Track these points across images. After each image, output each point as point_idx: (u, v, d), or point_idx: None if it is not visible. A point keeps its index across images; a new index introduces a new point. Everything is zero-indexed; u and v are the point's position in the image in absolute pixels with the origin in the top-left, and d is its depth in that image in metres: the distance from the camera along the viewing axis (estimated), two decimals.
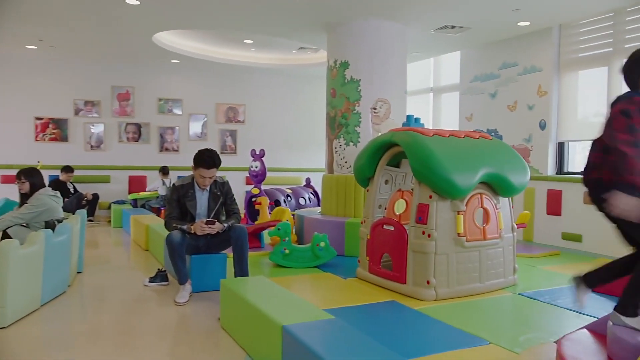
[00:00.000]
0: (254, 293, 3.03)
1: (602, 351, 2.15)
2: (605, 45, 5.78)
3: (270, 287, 3.22)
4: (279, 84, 10.06)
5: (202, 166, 3.86)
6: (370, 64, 5.93)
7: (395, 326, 3.23)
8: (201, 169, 3.87)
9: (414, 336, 3.05)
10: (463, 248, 3.96)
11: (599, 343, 2.23)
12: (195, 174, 3.94)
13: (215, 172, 3.95)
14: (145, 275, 4.69)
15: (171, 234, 3.79)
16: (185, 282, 3.84)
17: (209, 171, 3.88)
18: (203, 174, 3.88)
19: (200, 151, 3.93)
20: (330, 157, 6.23)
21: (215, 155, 3.91)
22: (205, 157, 3.86)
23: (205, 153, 3.89)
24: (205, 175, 3.89)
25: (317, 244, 5.02)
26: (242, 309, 2.93)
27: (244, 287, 3.16)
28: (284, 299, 2.90)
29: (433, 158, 3.82)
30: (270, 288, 3.19)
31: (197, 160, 3.88)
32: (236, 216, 4.07)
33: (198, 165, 3.88)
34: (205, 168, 3.86)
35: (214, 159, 3.88)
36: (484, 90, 7.27)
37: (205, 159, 3.85)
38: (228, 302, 3.18)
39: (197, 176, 3.94)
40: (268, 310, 2.60)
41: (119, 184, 9.19)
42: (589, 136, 6.03)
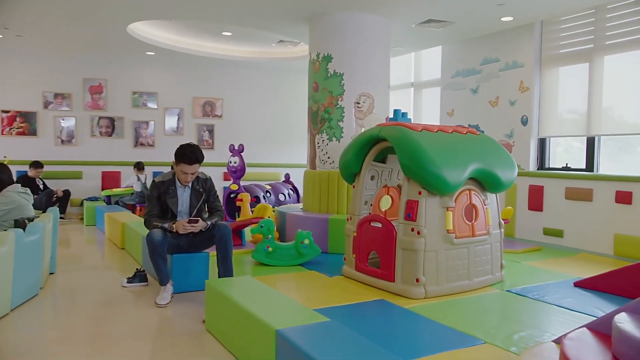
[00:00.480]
0: (242, 294, 2.89)
1: (607, 351, 2.10)
2: (587, 41, 5.81)
3: (258, 287, 3.09)
4: (258, 77, 9.87)
5: (183, 162, 3.69)
6: (354, 57, 5.83)
7: (387, 326, 3.14)
8: (183, 165, 3.70)
9: (408, 336, 2.97)
10: (452, 245, 3.90)
11: (603, 342, 2.18)
12: (177, 169, 3.77)
13: (198, 168, 3.78)
14: (122, 275, 4.49)
15: (152, 232, 3.61)
16: (166, 282, 3.67)
17: (191, 167, 3.71)
18: (185, 169, 3.71)
19: (182, 146, 3.76)
20: (312, 153, 6.11)
21: (197, 150, 3.75)
22: (187, 152, 3.69)
23: (187, 148, 3.72)
24: (187, 171, 3.72)
25: (301, 241, 4.90)
26: (230, 311, 2.79)
27: (231, 288, 3.02)
28: (274, 300, 2.77)
29: (423, 153, 3.75)
30: (258, 288, 3.06)
31: (179, 156, 3.71)
32: (219, 213, 3.91)
33: (180, 160, 3.71)
34: (187, 164, 3.69)
35: (197, 154, 3.71)
36: (466, 86, 7.26)
37: (187, 154, 3.68)
38: (214, 304, 3.03)
39: (178, 172, 3.76)
40: (259, 312, 2.47)
41: (92, 180, 8.87)
42: (570, 132, 6.08)
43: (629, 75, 5.44)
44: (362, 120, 5.86)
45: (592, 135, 5.79)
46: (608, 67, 5.62)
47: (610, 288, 4.00)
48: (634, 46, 5.38)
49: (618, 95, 5.54)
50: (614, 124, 5.62)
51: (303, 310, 2.53)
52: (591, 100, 5.75)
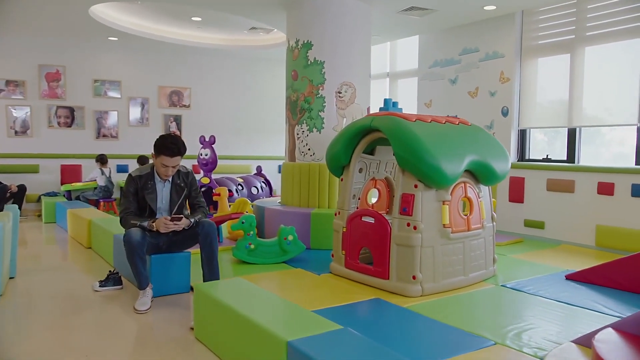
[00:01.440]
0: (237, 299, 2.63)
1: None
2: (568, 32, 5.79)
3: (253, 290, 2.83)
4: (228, 66, 9.47)
5: (164, 154, 3.36)
6: (335, 45, 5.59)
7: (391, 328, 2.95)
8: (163, 157, 3.38)
9: (418, 340, 2.79)
10: (448, 240, 3.75)
11: (635, 343, 2.06)
12: (156, 162, 3.44)
13: (180, 161, 3.47)
14: (92, 278, 4.13)
15: (129, 232, 3.28)
16: (146, 286, 3.36)
17: (172, 159, 3.39)
18: (166, 162, 3.39)
19: (163, 137, 3.43)
20: (291, 144, 5.85)
21: (180, 141, 3.43)
22: (168, 143, 3.36)
23: (168, 139, 3.40)
24: (168, 165, 3.40)
25: (285, 237, 4.66)
26: (225, 318, 2.53)
27: (224, 292, 2.75)
28: (275, 305, 2.53)
29: (420, 145, 3.57)
30: (253, 292, 2.81)
31: (159, 147, 3.38)
32: (203, 210, 3.61)
33: (160, 152, 3.38)
34: (168, 156, 3.37)
35: (179, 146, 3.40)
36: (444, 76, 7.15)
37: (169, 145, 3.36)
38: (205, 310, 2.76)
39: (158, 165, 3.44)
40: (264, 321, 2.22)
41: (50, 174, 8.29)
42: (550, 123, 6.06)
43: (610, 66, 5.44)
44: (343, 111, 5.64)
45: (573, 127, 5.78)
46: (589, 58, 5.61)
47: (602, 281, 3.96)
48: (615, 37, 5.38)
49: (599, 86, 5.54)
50: (595, 116, 5.62)
51: (312, 318, 2.30)
52: (572, 92, 5.74)
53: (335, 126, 5.60)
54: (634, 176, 5.12)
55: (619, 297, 3.66)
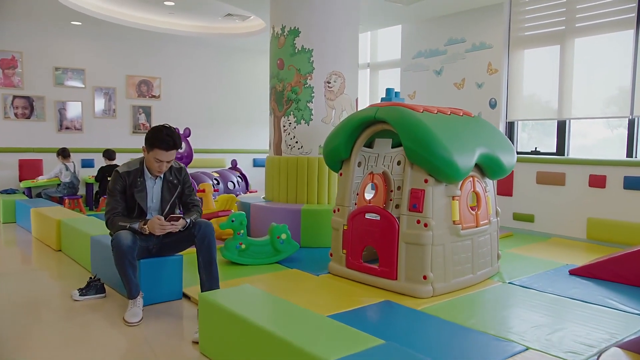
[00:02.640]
0: (252, 309, 2.34)
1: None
2: (557, 23, 5.72)
3: (266, 298, 2.56)
4: (201, 55, 9.01)
5: (159, 147, 3.00)
6: (324, 32, 5.31)
7: (416, 336, 2.75)
8: (158, 151, 3.02)
9: (448, 348, 2.59)
10: (458, 237, 3.58)
11: None
12: (148, 157, 3.08)
13: (174, 156, 3.12)
14: (67, 284, 3.73)
15: (118, 235, 2.92)
16: (137, 295, 3.01)
17: (167, 154, 3.04)
18: (160, 157, 3.03)
19: (157, 128, 3.06)
20: (277, 137, 5.54)
21: (175, 133, 3.07)
22: (163, 135, 3.00)
23: (163, 130, 3.03)
24: (162, 159, 3.04)
25: (278, 236, 4.38)
26: (242, 334, 2.24)
27: (234, 301, 2.46)
28: (299, 317, 2.26)
29: (432, 137, 3.36)
30: (267, 300, 2.53)
31: (153, 140, 3.01)
32: (197, 209, 3.28)
33: (153, 145, 3.02)
34: (163, 150, 3.01)
35: (174, 138, 3.04)
36: (429, 67, 7.00)
37: (164, 138, 3.00)
38: (213, 322, 2.46)
39: (150, 160, 3.07)
40: (294, 337, 1.95)
41: (6, 169, 7.63)
42: (540, 115, 6.00)
43: (601, 58, 5.40)
44: (332, 102, 5.38)
45: (563, 119, 5.74)
46: (579, 50, 5.56)
47: (608, 275, 3.88)
48: (604, 29, 5.35)
49: (589, 78, 5.50)
50: (585, 108, 5.59)
51: (347, 331, 2.04)
52: (562, 84, 5.68)
53: (324, 118, 5.34)
54: (626, 168, 5.11)
55: (629, 292, 3.58)
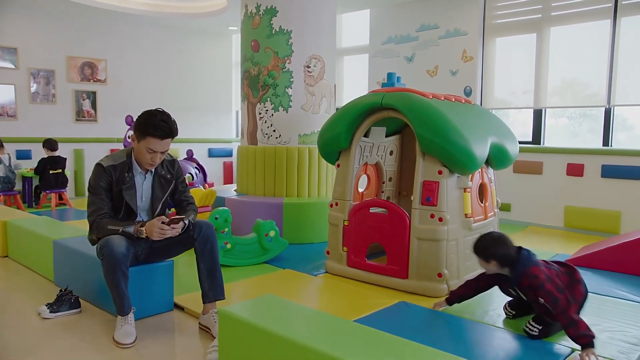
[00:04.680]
0: (287, 323, 2.01)
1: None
2: (534, 11, 5.69)
3: (299, 310, 2.22)
4: (152, 36, 8.27)
5: (153, 135, 2.54)
6: (303, 12, 4.94)
7: (445, 339, 2.54)
8: (151, 140, 2.55)
9: (491, 354, 2.37)
10: (470, 231, 3.39)
11: None
12: (139, 147, 2.60)
13: (169, 146, 2.66)
14: (29, 300, 3.17)
15: (110, 242, 2.44)
16: (129, 310, 2.55)
17: (162, 142, 2.58)
18: (154, 146, 2.57)
19: (150, 112, 2.59)
20: (251, 125, 5.13)
21: (171, 119, 2.62)
22: (158, 121, 2.54)
23: (157, 115, 2.57)
24: (156, 149, 2.58)
25: (266, 233, 4.01)
26: (275, 351, 1.90)
27: (263, 315, 2.10)
28: (340, 329, 1.96)
29: (449, 125, 3.13)
30: (300, 312, 2.20)
31: (146, 126, 2.54)
32: (193, 207, 2.85)
33: (146, 133, 2.55)
34: (157, 138, 2.56)
35: (170, 124, 2.59)
36: (399, 54, 6.80)
37: (159, 124, 2.54)
38: (236, 340, 2.10)
39: (141, 151, 2.60)
40: (340, 352, 1.66)
41: None
42: (516, 104, 5.98)
43: (577, 48, 5.43)
44: (312, 87, 5.04)
45: (539, 108, 5.74)
46: (555, 39, 5.57)
47: (607, 265, 3.87)
48: (581, 19, 5.37)
49: (565, 67, 5.53)
50: (561, 97, 5.62)
51: (412, 347, 1.77)
52: (538, 72, 5.68)
53: (303, 105, 4.99)
54: (603, 157, 5.18)
55: (633, 282, 3.57)
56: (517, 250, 2.57)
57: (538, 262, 2.55)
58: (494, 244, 2.58)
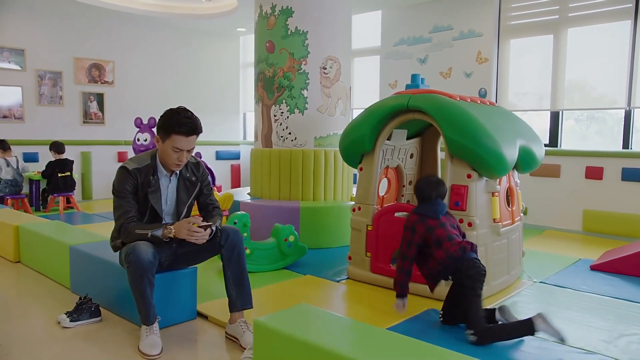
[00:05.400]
0: (328, 335, 1.92)
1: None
2: (551, 12, 5.61)
3: (338, 320, 2.13)
4: (160, 37, 8.19)
5: (178, 132, 2.44)
6: (319, 13, 4.86)
7: (484, 348, 2.43)
8: (176, 138, 2.45)
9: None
10: (498, 236, 3.31)
11: None
12: (164, 147, 2.51)
13: (195, 143, 2.56)
14: (45, 306, 3.07)
15: (137, 248, 2.35)
16: (154, 320, 2.46)
17: (188, 140, 2.48)
18: (180, 144, 2.47)
19: (173, 111, 2.49)
20: (266, 127, 5.04)
21: (194, 115, 2.52)
22: (181, 118, 2.45)
23: (180, 113, 2.47)
24: (182, 147, 2.48)
25: (285, 238, 3.92)
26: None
27: (301, 326, 2.01)
28: (383, 341, 1.88)
29: (479, 127, 3.05)
30: (339, 322, 2.11)
31: (170, 125, 2.45)
32: (219, 212, 2.76)
33: (171, 131, 2.45)
34: (183, 135, 2.45)
35: (194, 121, 2.49)
36: (412, 55, 6.73)
37: (183, 121, 2.44)
38: (274, 353, 2.01)
39: (166, 151, 2.51)
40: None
41: None
42: (532, 106, 5.90)
43: (596, 49, 5.35)
44: (328, 89, 4.95)
45: (556, 110, 5.66)
46: (573, 40, 5.49)
47: (632, 270, 3.79)
48: (600, 20, 5.30)
49: (584, 69, 5.45)
50: (580, 99, 5.54)
51: (454, 358, 1.68)
52: (555, 74, 5.60)
53: (319, 107, 4.91)
54: (624, 160, 5.10)
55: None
56: (435, 197, 2.73)
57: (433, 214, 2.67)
58: (427, 184, 2.77)
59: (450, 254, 2.56)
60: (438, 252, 2.60)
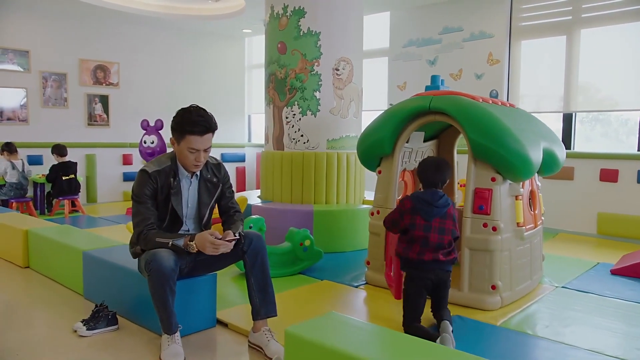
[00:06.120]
0: (363, 344, 1.85)
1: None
2: (564, 13, 5.56)
3: (367, 328, 2.06)
4: (166, 39, 8.12)
5: (192, 132, 2.35)
6: (331, 13, 4.79)
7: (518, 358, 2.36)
8: (191, 138, 2.36)
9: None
10: (522, 241, 3.24)
11: None
12: (180, 149, 2.43)
13: (211, 142, 2.47)
14: (58, 314, 2.99)
15: (158, 256, 2.27)
16: (176, 329, 2.38)
17: (202, 139, 2.39)
18: (195, 144, 2.38)
19: (185, 110, 2.41)
20: (278, 129, 4.97)
21: (207, 113, 2.43)
22: (194, 117, 2.36)
23: (192, 112, 2.39)
24: (198, 147, 2.39)
25: (301, 243, 3.84)
26: None
27: (335, 335, 1.94)
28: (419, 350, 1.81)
29: (504, 129, 2.99)
30: (368, 330, 2.04)
31: (182, 125, 2.36)
32: (240, 216, 2.68)
33: (184, 131, 2.37)
34: (197, 134, 2.36)
35: (207, 119, 2.40)
36: (421, 57, 6.67)
37: (196, 119, 2.35)
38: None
39: (182, 153, 2.42)
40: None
41: None
42: (545, 108, 5.84)
43: (610, 50, 5.30)
44: (341, 91, 4.88)
45: (569, 112, 5.60)
46: (586, 41, 5.43)
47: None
48: (614, 20, 5.24)
49: (596, 70, 5.39)
50: (595, 100, 5.48)
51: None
52: (568, 75, 5.54)
53: (332, 109, 4.84)
54: (639, 162, 5.04)
55: None
56: (434, 182, 2.74)
57: (425, 215, 2.64)
58: (434, 168, 2.77)
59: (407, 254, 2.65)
60: (402, 244, 2.70)
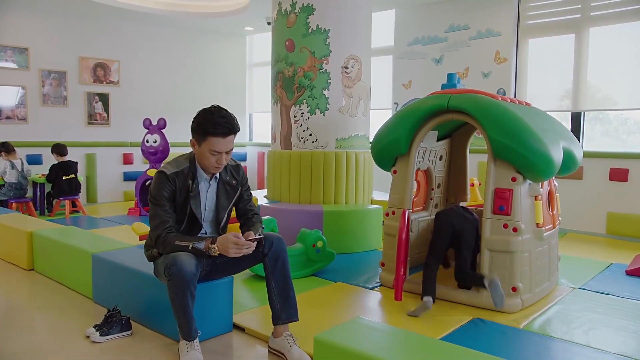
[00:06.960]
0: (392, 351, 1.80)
1: None
2: (573, 11, 5.51)
3: (394, 333, 2.00)
4: (167, 36, 8.00)
5: (215, 134, 2.27)
6: (340, 11, 4.72)
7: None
8: (213, 140, 2.29)
9: None
10: (541, 241, 3.18)
11: None
12: (201, 151, 2.35)
13: (233, 144, 2.39)
14: (68, 319, 2.90)
15: (178, 259, 2.19)
16: (196, 335, 2.30)
17: (225, 141, 2.31)
18: (217, 147, 2.30)
19: (207, 110, 2.33)
20: (285, 128, 4.89)
21: (230, 114, 2.35)
22: (216, 118, 2.28)
23: (214, 112, 2.31)
24: (220, 150, 2.32)
25: (313, 244, 3.77)
26: None
27: (364, 340, 1.89)
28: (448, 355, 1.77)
29: (525, 128, 2.93)
30: (396, 335, 1.98)
31: (205, 125, 2.28)
32: (259, 218, 2.60)
33: (207, 133, 2.29)
34: (220, 136, 2.29)
35: (231, 121, 2.32)
36: (426, 55, 6.61)
37: (219, 121, 2.28)
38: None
39: (203, 155, 2.35)
40: None
41: None
42: (553, 107, 5.79)
43: (619, 48, 5.26)
44: (350, 89, 4.81)
45: (578, 111, 5.56)
46: (595, 40, 5.39)
47: None
48: (622, 19, 5.20)
49: (606, 69, 5.35)
50: (602, 99, 5.44)
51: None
52: (577, 74, 5.50)
53: (341, 107, 4.77)
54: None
55: None
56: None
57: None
58: None
59: None
60: None
